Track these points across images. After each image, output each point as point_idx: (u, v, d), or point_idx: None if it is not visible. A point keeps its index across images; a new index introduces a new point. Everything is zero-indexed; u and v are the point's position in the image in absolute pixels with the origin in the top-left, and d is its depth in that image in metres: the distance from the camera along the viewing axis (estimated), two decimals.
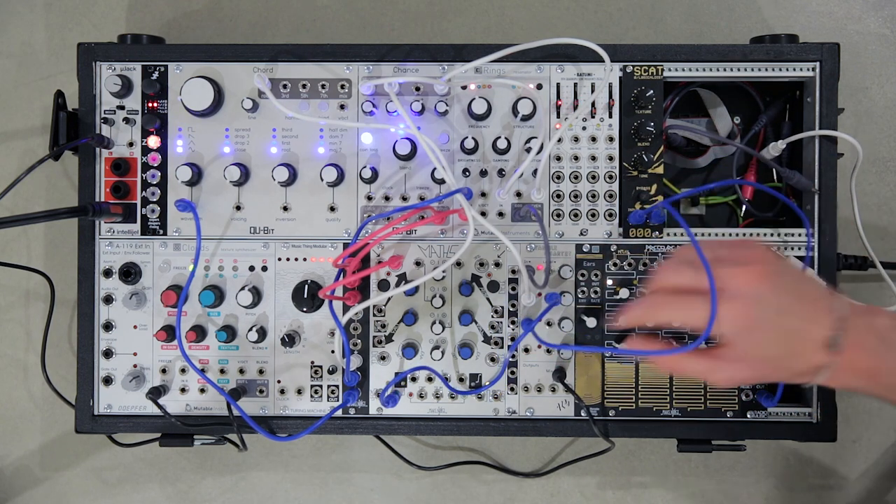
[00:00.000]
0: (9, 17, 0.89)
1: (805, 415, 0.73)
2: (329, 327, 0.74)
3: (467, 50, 0.73)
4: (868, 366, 0.54)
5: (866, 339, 0.54)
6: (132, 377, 0.73)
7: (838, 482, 0.86)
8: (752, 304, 0.54)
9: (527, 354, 0.74)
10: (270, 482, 0.87)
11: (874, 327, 0.55)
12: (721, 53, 0.73)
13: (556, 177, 0.74)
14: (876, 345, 0.54)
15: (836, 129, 0.72)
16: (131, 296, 0.73)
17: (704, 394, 0.74)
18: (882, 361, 0.54)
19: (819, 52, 0.73)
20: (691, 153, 0.80)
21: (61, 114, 0.74)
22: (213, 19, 0.88)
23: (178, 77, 0.74)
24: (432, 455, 0.87)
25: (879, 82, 0.87)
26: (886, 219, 0.86)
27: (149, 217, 0.74)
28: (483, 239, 0.74)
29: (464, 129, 0.74)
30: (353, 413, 0.74)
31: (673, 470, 0.86)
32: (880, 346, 0.54)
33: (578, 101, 0.74)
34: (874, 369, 0.54)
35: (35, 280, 0.86)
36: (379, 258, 0.74)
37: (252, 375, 0.74)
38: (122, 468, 0.87)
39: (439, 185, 0.74)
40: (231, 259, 0.74)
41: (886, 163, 0.86)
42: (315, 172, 0.73)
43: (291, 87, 0.74)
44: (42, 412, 0.88)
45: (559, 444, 0.87)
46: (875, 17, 0.87)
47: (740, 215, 0.80)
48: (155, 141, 0.74)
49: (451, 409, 0.74)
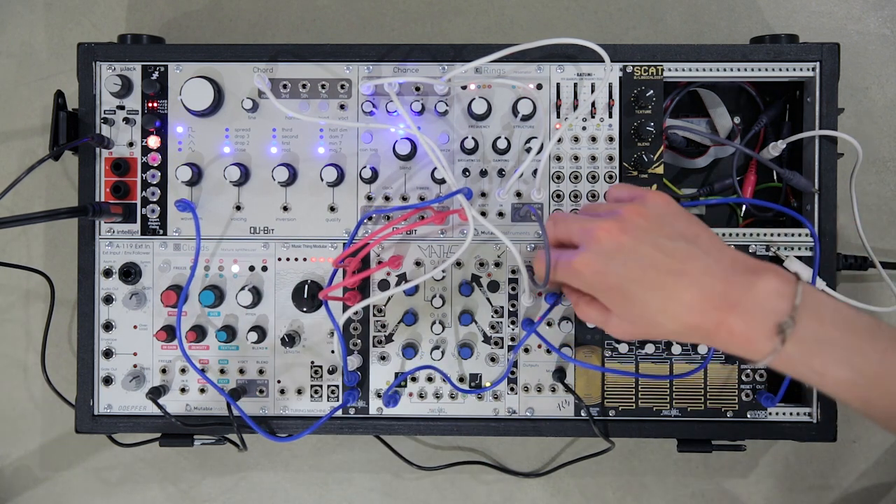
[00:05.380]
0: (9, 17, 0.89)
1: (805, 415, 0.73)
2: (329, 327, 0.74)
3: (467, 50, 0.73)
4: (812, 364, 0.51)
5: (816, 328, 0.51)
6: (132, 377, 0.73)
7: (838, 482, 0.86)
8: (605, 258, 0.55)
9: (527, 354, 0.74)
10: (270, 482, 0.87)
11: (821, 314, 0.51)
12: (721, 53, 0.73)
13: (556, 177, 0.74)
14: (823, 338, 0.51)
15: (836, 129, 0.72)
16: (131, 296, 0.73)
17: (704, 394, 0.74)
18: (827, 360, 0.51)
19: (819, 52, 0.73)
20: (691, 153, 0.80)
21: (61, 114, 0.74)
22: (213, 19, 0.88)
23: (178, 77, 0.74)
24: (432, 455, 0.87)
25: (879, 82, 0.87)
26: (886, 219, 0.86)
27: (149, 217, 0.74)
28: (483, 239, 0.74)
29: (464, 129, 0.74)
30: (353, 413, 0.74)
31: (673, 470, 0.86)
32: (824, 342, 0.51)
33: (578, 101, 0.74)
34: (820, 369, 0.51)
35: (35, 280, 0.86)
36: (379, 258, 0.74)
37: (252, 375, 0.75)
38: (122, 468, 0.87)
39: (439, 185, 0.74)
40: (231, 259, 0.74)
41: (886, 163, 0.86)
42: (315, 172, 0.73)
43: (291, 87, 0.74)
44: (42, 412, 0.88)
45: (559, 444, 0.87)
46: (875, 17, 0.87)
47: (740, 215, 0.80)
48: (155, 141, 0.74)
49: (451, 409, 0.74)
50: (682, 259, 0.53)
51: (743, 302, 0.52)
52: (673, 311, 0.53)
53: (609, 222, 0.56)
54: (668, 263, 0.53)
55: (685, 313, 0.53)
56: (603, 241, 0.55)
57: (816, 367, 0.51)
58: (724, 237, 0.73)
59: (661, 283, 0.53)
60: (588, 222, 0.57)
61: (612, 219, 0.56)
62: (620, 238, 0.55)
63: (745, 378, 0.73)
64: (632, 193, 0.60)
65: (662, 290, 0.53)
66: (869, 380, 0.50)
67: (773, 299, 0.51)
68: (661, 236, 0.55)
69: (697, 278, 0.53)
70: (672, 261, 0.53)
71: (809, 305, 0.51)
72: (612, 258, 0.55)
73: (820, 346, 0.51)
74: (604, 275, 0.55)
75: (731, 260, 0.54)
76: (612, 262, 0.55)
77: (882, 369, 0.50)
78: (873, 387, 0.50)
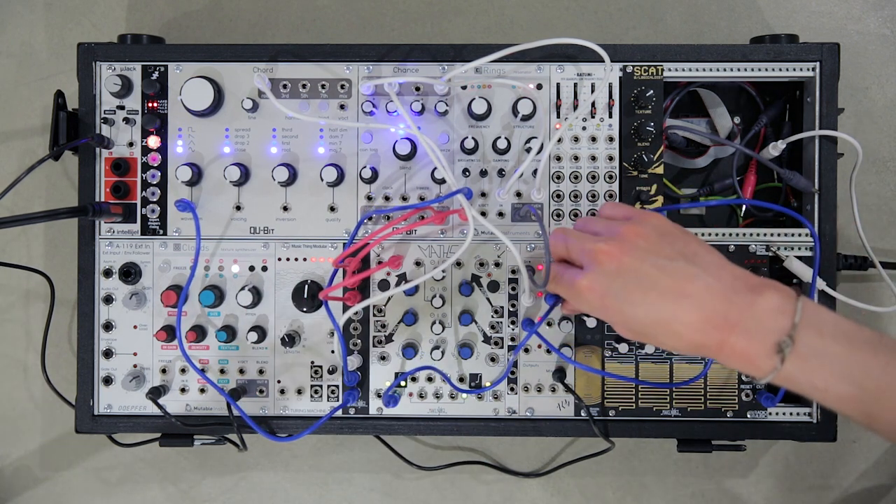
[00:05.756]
0: (9, 17, 0.89)
1: (805, 415, 0.73)
2: (329, 327, 0.74)
3: (467, 50, 0.73)
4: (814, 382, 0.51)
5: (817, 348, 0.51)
6: (132, 377, 0.73)
7: (838, 482, 0.86)
8: (607, 280, 0.56)
9: (527, 354, 0.74)
10: (270, 482, 0.87)
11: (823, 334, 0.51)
12: (721, 53, 0.73)
13: (556, 177, 0.74)
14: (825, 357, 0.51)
15: (836, 129, 0.72)
16: (131, 296, 0.73)
17: (704, 394, 0.74)
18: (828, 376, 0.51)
19: (819, 52, 0.73)
20: (691, 153, 0.80)
21: (61, 114, 0.74)
22: (213, 19, 0.88)
23: (178, 77, 0.74)
24: (432, 455, 0.87)
25: (879, 82, 0.87)
26: (886, 219, 0.86)
27: (149, 217, 0.74)
28: (483, 239, 0.74)
29: (464, 129, 0.74)
30: (353, 413, 0.74)
31: (673, 470, 0.86)
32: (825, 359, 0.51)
33: (578, 101, 0.74)
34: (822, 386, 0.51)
35: (35, 280, 0.86)
36: (379, 258, 0.74)
37: (252, 375, 0.74)
38: (122, 468, 0.87)
39: (439, 185, 0.74)
40: (231, 259, 0.74)
41: (886, 163, 0.86)
42: (315, 172, 0.73)
43: (291, 87, 0.74)
44: (42, 412, 0.88)
45: (559, 444, 0.87)
46: (875, 17, 0.87)
47: (740, 215, 0.80)
48: (155, 141, 0.74)
49: (451, 409, 0.74)
50: (683, 279, 0.54)
51: (743, 321, 0.52)
52: (675, 331, 0.54)
53: (610, 244, 0.56)
54: (669, 284, 0.54)
55: (687, 333, 0.53)
56: (604, 264, 0.56)
57: (818, 384, 0.51)
58: (724, 237, 0.73)
59: (662, 305, 0.54)
60: (589, 242, 0.58)
61: (613, 240, 0.57)
62: (622, 259, 0.55)
63: (745, 378, 0.73)
64: (626, 213, 0.61)
65: (664, 312, 0.54)
66: (871, 394, 0.50)
67: (773, 317, 0.51)
68: (661, 257, 0.55)
69: (698, 299, 0.53)
70: (673, 281, 0.54)
71: (809, 322, 0.51)
72: (613, 280, 0.56)
73: (821, 361, 0.51)
74: (605, 297, 0.56)
75: (732, 277, 0.54)
76: (614, 284, 0.55)
77: (884, 383, 0.50)
78: (876, 401, 0.50)
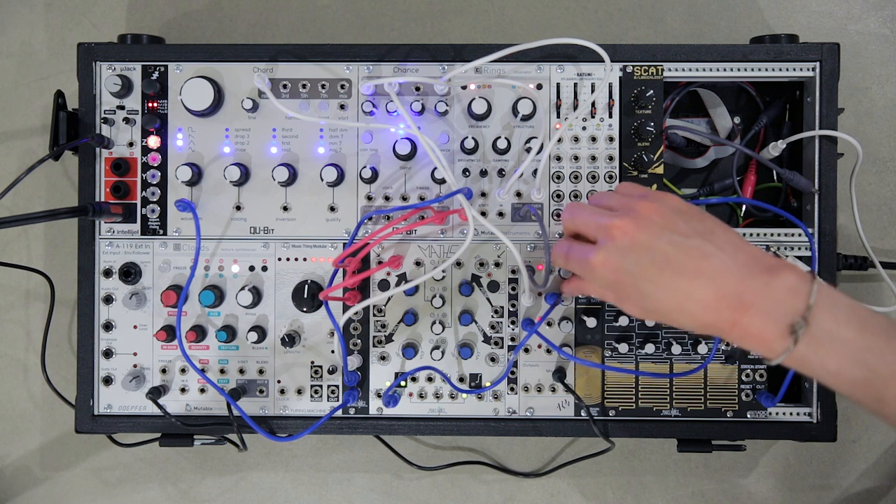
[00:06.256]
0: (9, 17, 0.89)
1: (805, 415, 0.73)
2: (329, 327, 0.74)
3: (467, 50, 0.73)
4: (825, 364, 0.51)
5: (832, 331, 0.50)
6: (132, 377, 0.73)
7: (838, 482, 0.86)
8: (621, 255, 0.55)
9: (527, 354, 0.74)
10: (270, 482, 0.87)
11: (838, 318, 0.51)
12: (721, 53, 0.73)
13: (556, 177, 0.74)
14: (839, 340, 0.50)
15: (836, 129, 0.72)
16: (131, 296, 0.73)
17: (704, 394, 0.74)
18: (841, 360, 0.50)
19: (819, 52, 0.73)
20: (691, 153, 0.80)
21: (61, 114, 0.74)
22: (213, 19, 0.88)
23: (178, 77, 0.74)
24: (432, 455, 0.87)
25: (879, 82, 0.87)
26: (886, 219, 0.86)
27: (149, 217, 0.74)
28: (483, 239, 0.74)
29: (464, 129, 0.74)
30: (353, 413, 0.74)
31: (673, 470, 0.86)
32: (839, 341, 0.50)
33: (578, 101, 0.74)
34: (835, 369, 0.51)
35: (35, 280, 0.86)
36: (379, 258, 0.74)
37: (252, 375, 0.74)
38: (122, 468, 0.87)
39: (439, 185, 0.74)
40: (231, 259, 0.74)
41: (886, 163, 0.86)
42: (315, 172, 0.73)
43: (291, 87, 0.74)
44: (42, 412, 0.88)
45: (559, 444, 0.87)
46: (875, 17, 0.87)
47: (740, 215, 0.80)
48: (155, 141, 0.74)
49: (451, 409, 0.74)
50: (698, 257, 0.53)
51: (758, 302, 0.51)
52: (688, 310, 0.53)
53: (625, 220, 0.56)
54: (683, 262, 0.53)
55: (700, 312, 0.53)
56: (619, 239, 0.55)
57: (830, 367, 0.51)
58: None
59: (676, 282, 0.53)
60: (604, 217, 0.57)
61: (628, 216, 0.56)
62: (637, 235, 0.55)
63: (745, 378, 0.73)
64: (642, 192, 0.60)
65: (678, 289, 0.53)
66: (884, 379, 0.50)
67: (787, 298, 0.51)
68: (676, 234, 0.54)
69: (713, 277, 0.52)
70: (688, 259, 0.53)
71: (824, 304, 0.51)
72: (627, 256, 0.55)
73: (834, 345, 0.50)
74: (619, 272, 0.55)
75: (748, 257, 0.53)
76: (628, 259, 0.55)
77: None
78: (888, 386, 0.50)
